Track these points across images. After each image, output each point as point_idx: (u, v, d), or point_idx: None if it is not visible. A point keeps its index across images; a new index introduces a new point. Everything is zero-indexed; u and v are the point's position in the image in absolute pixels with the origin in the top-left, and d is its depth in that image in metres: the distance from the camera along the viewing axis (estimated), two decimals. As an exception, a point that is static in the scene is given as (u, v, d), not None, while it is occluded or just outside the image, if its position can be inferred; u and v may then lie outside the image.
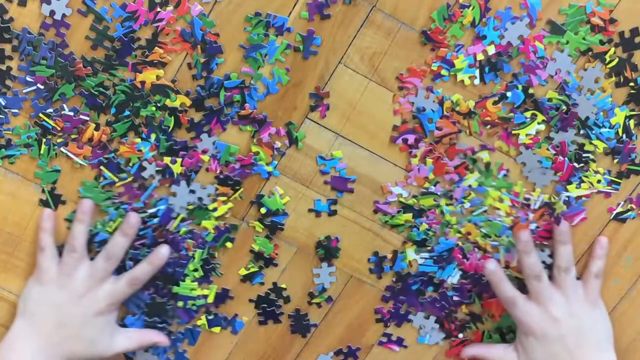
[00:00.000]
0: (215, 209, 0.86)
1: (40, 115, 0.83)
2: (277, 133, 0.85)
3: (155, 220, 0.86)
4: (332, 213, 0.88)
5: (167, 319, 0.90)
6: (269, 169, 0.86)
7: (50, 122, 0.83)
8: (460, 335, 0.92)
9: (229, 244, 0.88)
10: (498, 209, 0.87)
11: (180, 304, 0.90)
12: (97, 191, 0.85)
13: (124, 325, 0.89)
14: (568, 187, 0.87)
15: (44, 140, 0.83)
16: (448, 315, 0.92)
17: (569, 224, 0.87)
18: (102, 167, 0.84)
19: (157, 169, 0.85)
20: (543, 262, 0.87)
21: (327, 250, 0.89)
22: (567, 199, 0.87)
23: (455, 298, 0.91)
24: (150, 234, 0.86)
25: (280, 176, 0.87)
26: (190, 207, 0.86)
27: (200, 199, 0.86)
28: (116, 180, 0.85)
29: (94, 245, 0.87)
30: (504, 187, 0.87)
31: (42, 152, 0.84)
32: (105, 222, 0.86)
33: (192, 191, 0.85)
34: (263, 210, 0.87)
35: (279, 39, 0.82)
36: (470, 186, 0.86)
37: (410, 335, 0.94)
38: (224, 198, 0.86)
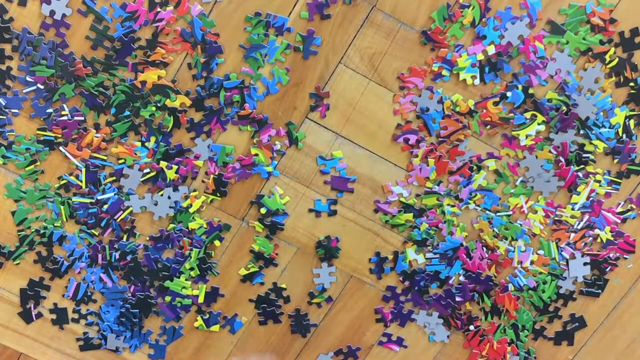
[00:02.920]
0: (190, 205, 0.87)
1: (38, 132, 0.83)
2: (277, 133, 0.85)
3: (105, 207, 0.86)
4: (332, 213, 0.88)
5: (144, 313, 0.91)
6: (269, 169, 0.86)
7: (50, 133, 0.83)
8: (472, 327, 0.93)
9: (217, 242, 0.88)
10: (524, 214, 0.88)
11: (167, 298, 0.90)
12: (30, 191, 0.86)
13: (99, 315, 0.90)
14: (573, 198, 0.87)
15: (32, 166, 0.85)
16: (453, 312, 0.92)
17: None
18: (81, 170, 0.85)
19: (143, 179, 0.85)
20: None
21: (327, 250, 0.89)
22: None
23: (457, 298, 0.91)
24: (116, 224, 0.87)
25: (280, 176, 0.87)
26: (171, 215, 0.87)
27: (176, 202, 0.86)
28: (84, 189, 0.85)
29: (54, 243, 0.87)
30: (524, 194, 0.87)
31: (27, 169, 0.85)
32: (53, 220, 0.87)
33: (169, 197, 0.86)
34: (263, 211, 0.87)
35: (279, 39, 0.82)
36: (481, 186, 0.87)
37: (411, 335, 0.94)
38: (196, 193, 0.86)
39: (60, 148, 0.84)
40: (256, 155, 0.85)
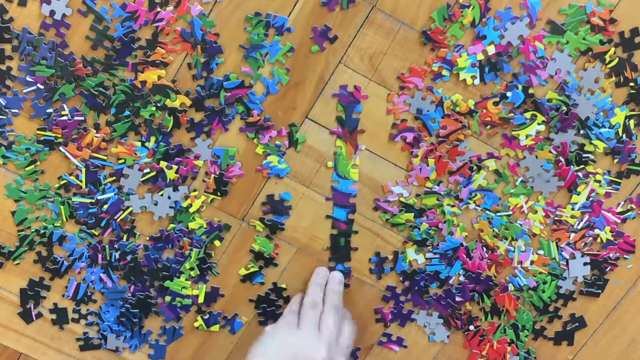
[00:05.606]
0: (190, 205, 0.87)
1: (38, 132, 0.83)
2: (279, 134, 0.85)
3: (105, 207, 0.86)
4: (349, 222, 0.88)
5: (144, 313, 0.91)
6: (283, 166, 0.85)
7: (50, 133, 0.83)
8: (472, 327, 0.93)
9: (217, 242, 0.88)
10: (524, 214, 0.88)
11: (167, 298, 0.90)
12: (30, 191, 0.86)
13: (99, 315, 0.90)
14: (573, 198, 0.87)
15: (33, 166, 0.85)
16: (453, 312, 0.92)
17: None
18: (81, 170, 0.85)
19: (143, 179, 0.85)
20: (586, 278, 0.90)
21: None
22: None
23: (457, 298, 0.91)
24: (116, 224, 0.87)
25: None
26: (171, 215, 0.87)
27: (176, 202, 0.86)
28: (84, 189, 0.85)
29: (54, 243, 0.87)
30: (524, 194, 0.87)
31: (27, 169, 0.85)
32: (53, 220, 0.87)
33: (169, 197, 0.86)
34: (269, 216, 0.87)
35: (282, 40, 0.82)
36: (481, 186, 0.87)
37: (411, 335, 0.94)
38: (196, 193, 0.86)
39: (60, 148, 0.84)
40: (268, 154, 0.85)
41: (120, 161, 0.85)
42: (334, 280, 0.89)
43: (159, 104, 0.83)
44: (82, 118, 0.83)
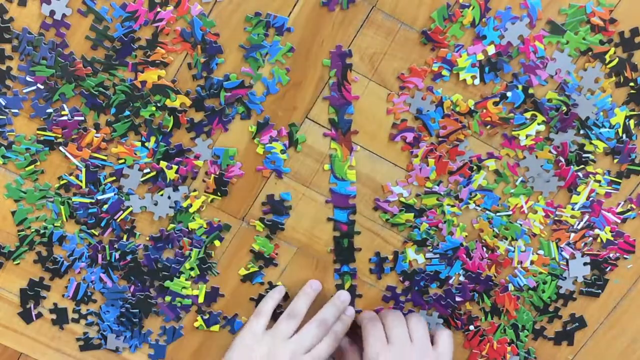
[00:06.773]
0: (190, 205, 0.87)
1: (38, 132, 0.83)
2: (279, 133, 0.85)
3: (105, 207, 0.86)
4: (350, 223, 0.88)
5: (144, 313, 0.91)
6: (283, 156, 0.85)
7: (50, 133, 0.83)
8: (472, 327, 0.93)
9: (217, 242, 0.88)
10: (524, 214, 0.88)
11: (167, 298, 0.90)
12: (30, 191, 0.85)
13: (99, 315, 0.90)
14: (573, 198, 0.87)
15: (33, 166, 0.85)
16: (453, 312, 0.92)
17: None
18: (81, 170, 0.85)
19: (143, 179, 0.85)
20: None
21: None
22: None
23: (457, 298, 0.91)
24: (116, 224, 0.87)
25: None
26: (171, 215, 0.87)
27: (176, 202, 0.86)
28: (84, 189, 0.85)
29: (54, 243, 0.87)
30: (524, 194, 0.87)
31: (27, 169, 0.85)
32: (53, 220, 0.87)
33: (169, 197, 0.86)
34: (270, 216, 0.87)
35: (282, 40, 0.82)
36: (481, 186, 0.87)
37: (411, 335, 0.94)
38: (196, 193, 0.86)
39: (60, 148, 0.84)
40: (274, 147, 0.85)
41: (120, 161, 0.85)
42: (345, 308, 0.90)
43: (159, 104, 0.83)
44: (82, 118, 0.83)
